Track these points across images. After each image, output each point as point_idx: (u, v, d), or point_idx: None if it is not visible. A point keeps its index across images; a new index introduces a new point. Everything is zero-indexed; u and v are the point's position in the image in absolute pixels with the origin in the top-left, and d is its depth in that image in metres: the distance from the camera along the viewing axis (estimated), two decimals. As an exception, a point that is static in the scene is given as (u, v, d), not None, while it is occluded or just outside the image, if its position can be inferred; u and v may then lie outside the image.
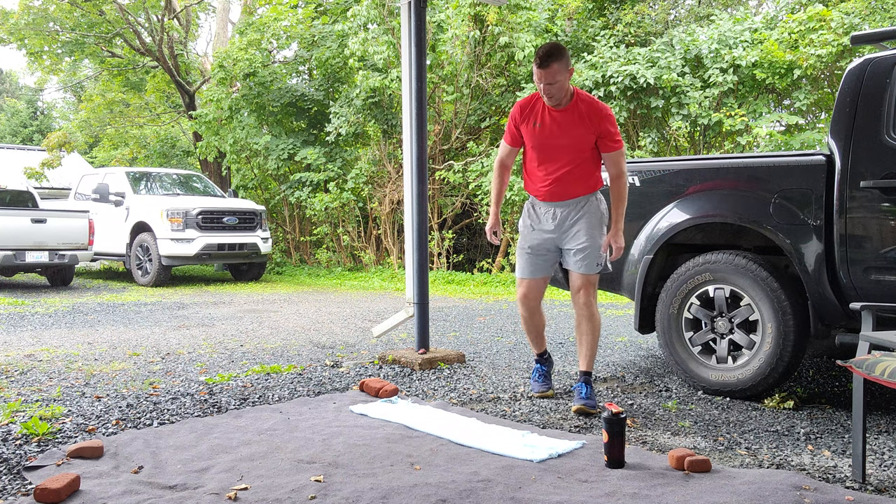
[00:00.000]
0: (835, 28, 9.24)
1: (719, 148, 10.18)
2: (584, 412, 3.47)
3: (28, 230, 9.70)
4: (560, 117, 3.57)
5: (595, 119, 3.53)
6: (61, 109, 35.59)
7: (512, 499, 2.40)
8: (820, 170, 3.56)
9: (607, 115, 3.55)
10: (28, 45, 17.76)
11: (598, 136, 3.56)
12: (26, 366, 4.59)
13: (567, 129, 3.56)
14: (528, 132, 3.67)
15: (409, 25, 4.81)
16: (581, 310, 3.65)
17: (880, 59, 3.50)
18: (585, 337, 3.65)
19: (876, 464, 2.82)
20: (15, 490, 2.46)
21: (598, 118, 3.53)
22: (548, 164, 3.64)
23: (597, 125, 3.53)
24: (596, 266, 3.64)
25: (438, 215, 12.64)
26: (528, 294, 3.80)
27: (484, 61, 11.94)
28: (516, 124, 3.72)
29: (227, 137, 14.15)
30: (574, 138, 3.56)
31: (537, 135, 3.63)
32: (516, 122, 3.72)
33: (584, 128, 3.53)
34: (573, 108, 3.55)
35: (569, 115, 3.55)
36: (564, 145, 3.58)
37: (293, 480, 2.54)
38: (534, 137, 3.65)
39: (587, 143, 3.57)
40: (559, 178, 3.62)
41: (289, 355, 5.08)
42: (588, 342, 3.65)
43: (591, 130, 3.54)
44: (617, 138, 3.57)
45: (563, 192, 3.64)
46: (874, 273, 3.40)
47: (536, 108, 3.64)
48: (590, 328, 3.64)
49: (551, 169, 3.63)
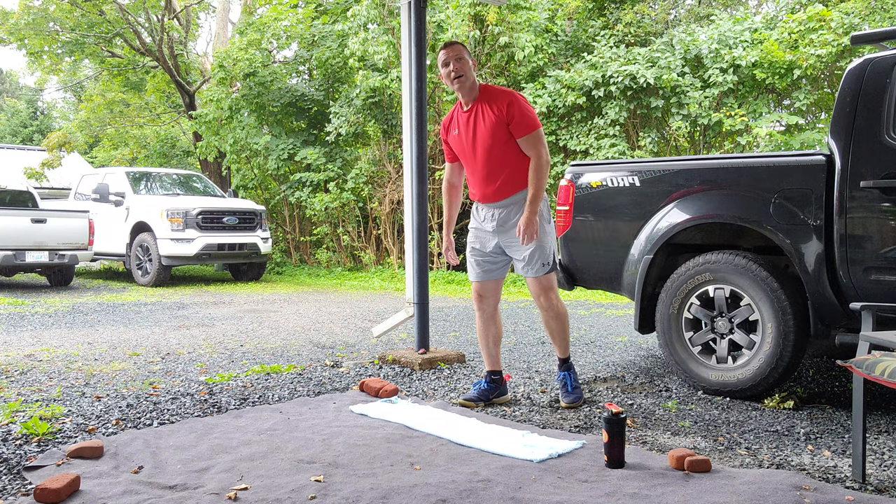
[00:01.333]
0: (835, 28, 9.25)
1: (719, 148, 10.18)
2: (574, 407, 3.61)
3: (28, 230, 9.70)
4: (470, 116, 3.52)
5: (499, 106, 3.41)
6: (61, 109, 35.61)
7: (512, 499, 2.40)
8: (820, 170, 3.56)
9: (510, 100, 3.40)
10: (28, 45, 17.76)
11: (508, 124, 3.40)
12: (26, 366, 4.59)
13: (478, 126, 3.48)
14: (453, 143, 3.65)
15: (409, 25, 4.81)
16: (545, 312, 3.65)
17: (880, 59, 3.50)
18: (555, 331, 3.68)
19: (876, 464, 2.82)
20: (15, 490, 2.46)
21: (501, 104, 3.40)
22: (473, 167, 3.56)
23: (502, 112, 3.39)
24: (543, 267, 3.55)
25: (438, 215, 12.64)
26: (479, 295, 3.72)
27: (484, 61, 11.94)
28: (445, 140, 3.70)
29: (227, 137, 14.15)
30: (487, 133, 3.44)
31: (458, 141, 3.60)
32: (444, 138, 3.70)
33: (493, 119, 3.43)
34: (478, 104, 3.50)
35: (476, 111, 3.50)
36: (480, 143, 3.48)
37: (293, 480, 2.54)
38: (456, 146, 3.62)
39: (501, 135, 3.42)
40: (484, 177, 3.52)
41: (289, 355, 5.08)
42: (558, 333, 3.67)
43: (500, 121, 3.41)
44: (527, 120, 3.40)
45: (493, 192, 3.52)
46: (874, 273, 3.40)
47: (454, 118, 3.63)
48: (557, 323, 3.66)
49: (476, 170, 3.54)
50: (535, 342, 5.67)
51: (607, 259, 4.34)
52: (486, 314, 3.74)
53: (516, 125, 3.41)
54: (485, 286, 3.72)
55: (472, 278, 3.75)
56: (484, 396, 3.70)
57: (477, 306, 3.75)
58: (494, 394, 3.74)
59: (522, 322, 6.91)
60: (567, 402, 3.64)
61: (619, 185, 4.30)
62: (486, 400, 3.69)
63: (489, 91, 3.51)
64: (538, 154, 3.43)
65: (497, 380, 3.75)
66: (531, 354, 5.14)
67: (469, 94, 3.52)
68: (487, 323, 3.75)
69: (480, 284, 3.72)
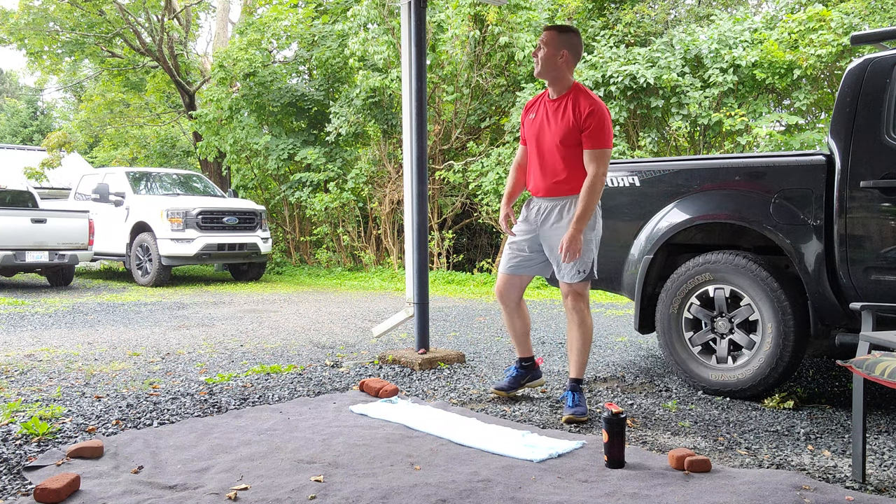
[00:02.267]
0: (835, 28, 9.25)
1: (719, 148, 10.18)
2: (574, 421, 3.36)
3: (28, 230, 9.70)
4: (551, 108, 3.53)
5: (580, 111, 3.43)
6: (61, 109, 35.60)
7: (512, 499, 2.40)
8: (820, 170, 3.56)
9: (594, 109, 3.41)
10: (28, 45, 17.75)
11: (581, 131, 3.42)
12: (26, 366, 4.59)
13: (554, 121, 3.50)
14: (527, 125, 3.67)
15: (409, 25, 4.81)
16: (570, 314, 3.54)
17: (880, 59, 3.50)
18: (574, 343, 3.52)
19: (876, 464, 2.82)
20: (15, 490, 2.46)
21: (583, 110, 3.42)
22: (535, 156, 3.58)
23: (581, 118, 3.41)
24: (578, 274, 3.47)
25: (438, 215, 12.64)
26: (500, 288, 3.71)
27: (484, 61, 11.94)
28: (522, 121, 3.74)
29: (227, 137, 14.15)
30: (559, 130, 3.46)
31: (531, 125, 3.62)
32: (522, 117, 3.74)
33: (569, 121, 3.44)
34: (563, 100, 3.50)
35: (558, 105, 3.51)
36: (550, 137, 3.50)
37: (293, 480, 2.54)
38: (529, 128, 3.64)
39: (571, 138, 3.43)
40: (542, 170, 3.54)
41: (289, 355, 5.08)
42: (577, 348, 3.51)
43: (576, 124, 3.42)
44: (596, 137, 3.40)
45: (546, 187, 3.53)
46: (874, 273, 3.40)
47: (538, 102, 3.64)
48: (579, 335, 3.50)
49: (537, 160, 3.56)
50: (535, 342, 5.67)
51: (607, 259, 4.34)
52: (510, 308, 3.75)
53: (588, 135, 3.40)
54: (508, 281, 3.70)
55: (500, 269, 3.76)
56: (515, 383, 3.76)
57: (498, 300, 3.77)
58: (526, 379, 3.80)
59: (522, 322, 6.91)
60: (569, 414, 3.39)
61: (619, 185, 4.31)
62: (518, 386, 3.78)
63: (580, 93, 3.49)
64: (596, 171, 3.38)
65: (528, 366, 3.80)
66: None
67: (553, 85, 3.53)
68: (512, 316, 3.77)
69: (505, 278, 3.71)
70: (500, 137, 12.12)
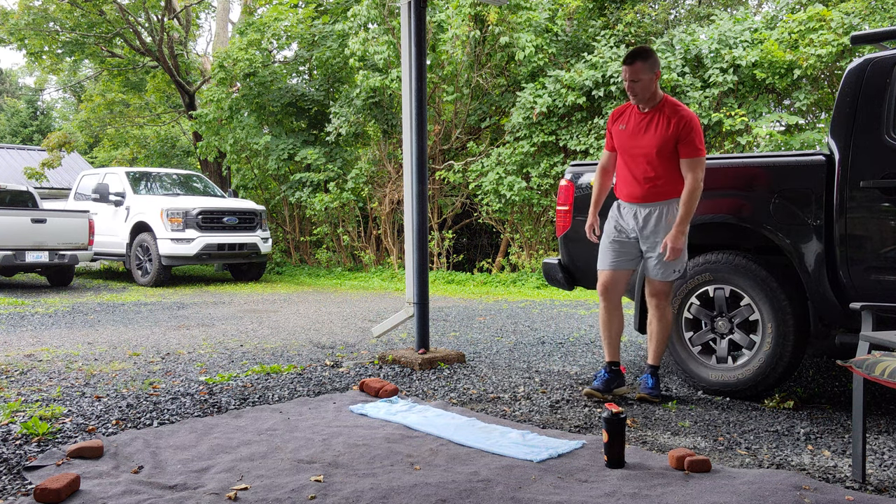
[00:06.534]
0: (835, 28, 9.24)
1: (719, 148, 10.17)
2: (647, 400, 3.71)
3: (28, 230, 9.70)
4: (643, 119, 3.69)
5: (676, 123, 3.60)
6: (61, 109, 35.61)
7: (512, 499, 2.40)
8: (820, 170, 3.56)
9: (688, 121, 3.60)
10: (28, 45, 17.74)
11: (677, 141, 3.61)
12: (26, 366, 4.59)
13: (648, 131, 3.66)
14: (616, 134, 3.81)
15: (409, 25, 4.81)
16: (654, 310, 3.79)
17: (880, 59, 3.50)
18: (655, 334, 3.79)
19: (876, 464, 2.82)
20: (15, 490, 2.46)
21: (680, 122, 3.60)
22: (630, 166, 3.74)
23: (678, 129, 3.59)
24: (673, 273, 3.71)
25: (438, 215, 12.64)
26: (607, 283, 3.82)
27: (484, 61, 11.94)
28: (609, 129, 3.86)
29: (227, 137, 14.15)
30: (656, 141, 3.63)
31: (622, 136, 3.77)
32: (609, 127, 3.87)
33: (665, 131, 3.61)
34: (657, 112, 3.67)
35: (652, 117, 3.67)
36: (645, 147, 3.67)
37: (293, 480, 2.54)
38: (619, 139, 3.79)
39: (667, 146, 3.62)
40: (637, 178, 3.71)
41: (289, 355, 5.08)
42: (657, 338, 3.79)
43: (672, 134, 3.60)
44: (693, 146, 3.59)
45: (641, 194, 3.71)
46: (874, 273, 3.40)
47: (626, 112, 3.80)
48: (660, 327, 3.77)
49: (633, 170, 3.73)
50: (535, 342, 5.67)
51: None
52: (612, 304, 3.84)
53: (685, 144, 3.60)
54: (613, 276, 3.80)
55: (601, 267, 3.84)
56: (607, 386, 3.81)
57: (602, 297, 3.84)
58: (615, 384, 3.84)
59: (522, 322, 6.91)
60: (644, 393, 3.74)
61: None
62: (610, 390, 3.81)
63: (672, 105, 3.68)
64: (695, 178, 3.58)
65: (617, 370, 3.86)
66: (531, 354, 5.14)
67: (646, 104, 3.70)
68: (612, 314, 3.85)
69: (609, 274, 3.81)
70: (500, 138, 12.11)
